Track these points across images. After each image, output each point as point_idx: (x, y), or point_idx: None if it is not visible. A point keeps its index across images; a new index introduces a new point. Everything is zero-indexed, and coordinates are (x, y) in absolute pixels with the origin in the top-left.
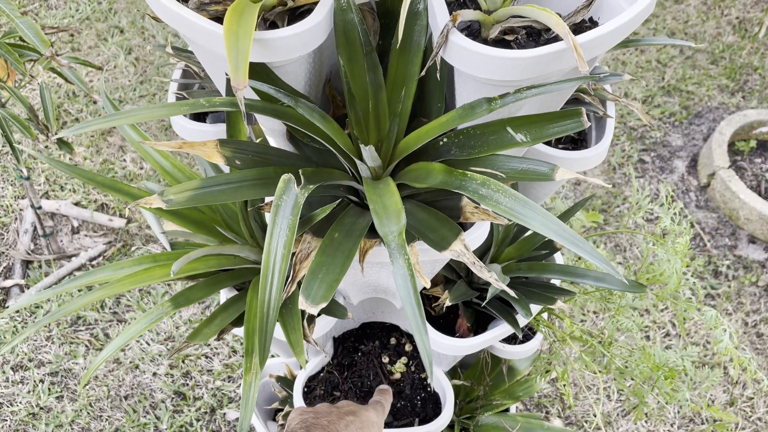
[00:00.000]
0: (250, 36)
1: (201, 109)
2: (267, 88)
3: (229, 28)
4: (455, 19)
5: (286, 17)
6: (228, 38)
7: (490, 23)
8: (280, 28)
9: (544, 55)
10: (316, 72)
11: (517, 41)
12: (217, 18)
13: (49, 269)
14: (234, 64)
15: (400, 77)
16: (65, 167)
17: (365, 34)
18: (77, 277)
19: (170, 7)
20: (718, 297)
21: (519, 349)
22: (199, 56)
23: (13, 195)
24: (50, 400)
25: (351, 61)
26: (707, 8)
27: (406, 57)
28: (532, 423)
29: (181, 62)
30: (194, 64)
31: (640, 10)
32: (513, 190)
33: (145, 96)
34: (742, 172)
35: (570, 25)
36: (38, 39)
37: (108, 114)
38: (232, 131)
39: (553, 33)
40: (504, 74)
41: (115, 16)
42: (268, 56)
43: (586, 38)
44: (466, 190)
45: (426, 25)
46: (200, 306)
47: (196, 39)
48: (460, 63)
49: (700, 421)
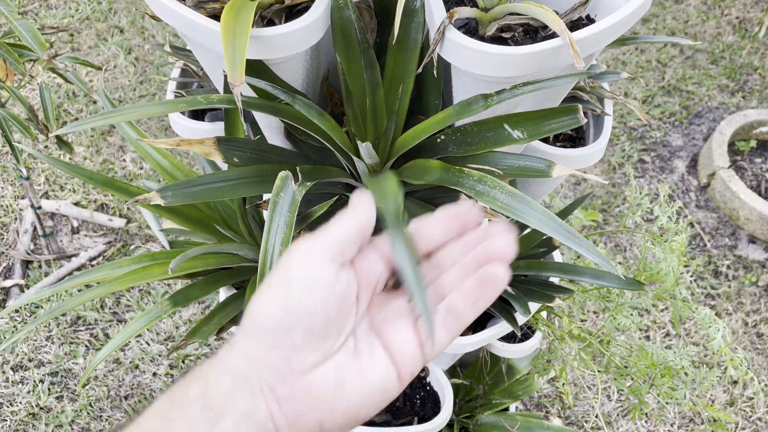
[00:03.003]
0: (247, 33)
1: (199, 106)
2: (264, 84)
3: (226, 26)
4: (452, 16)
5: (283, 15)
6: (225, 35)
7: (486, 20)
8: (278, 26)
9: (541, 52)
10: (314, 69)
11: (513, 39)
12: (214, 16)
13: (49, 269)
14: (231, 61)
15: (398, 74)
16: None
17: (362, 31)
18: (76, 276)
19: (168, 5)
20: (718, 297)
21: (518, 348)
22: (198, 54)
23: (13, 195)
24: (50, 400)
25: (348, 58)
26: (707, 8)
27: (403, 54)
28: (531, 422)
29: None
30: (193, 62)
31: (637, 7)
32: (510, 186)
33: (144, 96)
34: (742, 172)
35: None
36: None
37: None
38: (230, 129)
39: (550, 31)
40: (500, 71)
41: (115, 16)
42: (266, 53)
43: (582, 35)
44: (463, 186)
45: (423, 23)
46: (200, 306)
47: (194, 37)
48: (457, 60)
49: (700, 421)
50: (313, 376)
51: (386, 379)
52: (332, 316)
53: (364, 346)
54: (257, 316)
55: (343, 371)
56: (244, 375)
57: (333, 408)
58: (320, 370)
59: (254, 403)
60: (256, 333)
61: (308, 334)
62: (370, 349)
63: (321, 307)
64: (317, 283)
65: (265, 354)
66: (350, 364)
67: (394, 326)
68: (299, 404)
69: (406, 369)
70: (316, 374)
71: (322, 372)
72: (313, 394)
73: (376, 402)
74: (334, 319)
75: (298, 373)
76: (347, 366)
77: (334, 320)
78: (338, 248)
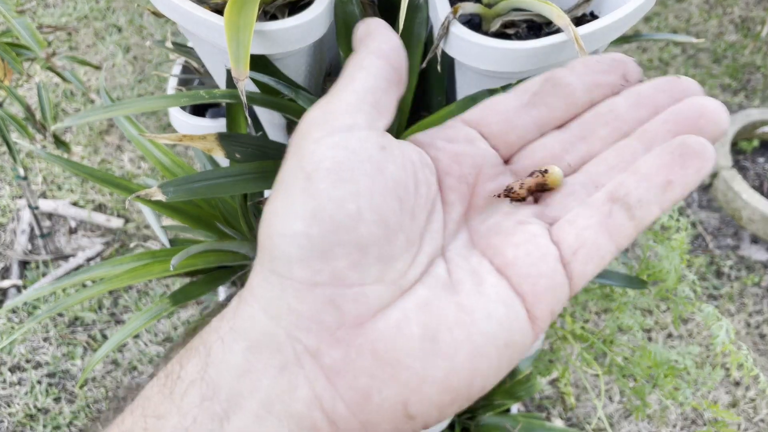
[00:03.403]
0: (251, 27)
1: (201, 101)
2: (268, 79)
3: (229, 20)
4: (456, 11)
5: (286, 9)
6: (229, 30)
7: (491, 16)
8: (281, 20)
9: (546, 47)
10: (317, 65)
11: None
12: (217, 11)
13: (47, 270)
14: (235, 56)
15: None
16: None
17: None
18: (74, 274)
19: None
20: (721, 298)
21: None
22: (199, 50)
23: (11, 195)
24: (48, 402)
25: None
26: (709, 7)
27: (407, 50)
28: (533, 423)
29: (180, 59)
30: (194, 59)
31: (641, 3)
32: None
33: (143, 95)
34: (744, 171)
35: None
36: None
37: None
38: (232, 125)
39: (554, 27)
40: (506, 66)
41: (113, 15)
42: (269, 48)
43: (587, 30)
44: None
45: (426, 18)
46: (198, 307)
47: (197, 31)
48: (461, 55)
49: (702, 422)
50: (381, 324)
51: (509, 321)
52: (393, 218)
53: (464, 271)
54: (273, 241)
55: (432, 314)
56: (266, 339)
57: (423, 377)
58: (392, 315)
59: (288, 382)
60: (276, 269)
61: (359, 252)
62: (474, 276)
63: (369, 203)
64: (354, 162)
65: (296, 300)
66: (443, 302)
67: (513, 237)
68: (363, 376)
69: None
70: (385, 322)
71: (395, 317)
72: (385, 357)
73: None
74: (397, 224)
75: (354, 322)
76: (438, 304)
77: (397, 225)
78: (372, 99)
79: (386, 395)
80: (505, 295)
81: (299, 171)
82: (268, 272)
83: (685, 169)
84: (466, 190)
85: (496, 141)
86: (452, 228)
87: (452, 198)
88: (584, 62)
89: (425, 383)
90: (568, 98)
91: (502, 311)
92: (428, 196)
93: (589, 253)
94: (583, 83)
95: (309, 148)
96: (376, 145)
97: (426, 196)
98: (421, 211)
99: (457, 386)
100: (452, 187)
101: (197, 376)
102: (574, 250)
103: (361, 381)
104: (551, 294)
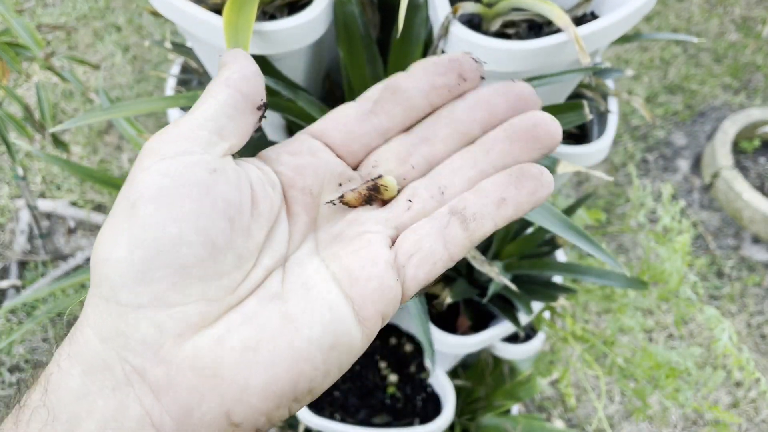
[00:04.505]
0: (250, 28)
1: None
2: (267, 80)
3: (228, 20)
4: (456, 11)
5: (285, 9)
6: (227, 30)
7: (491, 16)
8: (280, 20)
9: (546, 47)
10: (316, 65)
11: (518, 34)
12: (216, 11)
13: (46, 270)
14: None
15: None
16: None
17: (365, 26)
18: (73, 275)
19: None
20: (722, 298)
21: (520, 349)
22: (198, 51)
23: (9, 195)
24: None
25: (350, 53)
26: (710, 6)
27: (407, 49)
28: (533, 424)
29: (179, 58)
30: (193, 59)
31: (642, 3)
32: None
33: (142, 95)
34: (745, 171)
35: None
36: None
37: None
38: None
39: (554, 27)
40: (506, 66)
41: (112, 14)
42: (268, 48)
43: (587, 30)
44: None
45: (426, 18)
46: None
47: (196, 32)
48: None
49: (702, 423)
50: (202, 341)
51: (333, 324)
52: (221, 238)
53: (298, 279)
54: (99, 267)
55: (256, 325)
56: (99, 362)
57: (244, 387)
58: (215, 330)
59: (119, 402)
60: (103, 293)
61: (180, 273)
62: (305, 284)
63: (193, 225)
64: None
65: (122, 322)
66: (270, 312)
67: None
68: (185, 390)
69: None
70: (207, 338)
71: (218, 333)
72: (204, 371)
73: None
74: (225, 243)
75: (176, 341)
76: (265, 315)
77: (226, 244)
78: (213, 126)
79: (207, 407)
80: (332, 300)
81: (124, 200)
82: (97, 297)
83: (520, 190)
84: (310, 201)
85: (340, 150)
86: (298, 238)
87: (297, 209)
88: (423, 65)
89: (246, 392)
90: (406, 103)
91: (327, 316)
92: (271, 210)
93: (423, 259)
94: (421, 87)
95: (137, 177)
96: (206, 169)
97: (269, 211)
98: (260, 227)
99: (280, 392)
100: (296, 199)
101: (39, 403)
102: (409, 255)
103: (182, 396)
104: (379, 296)
